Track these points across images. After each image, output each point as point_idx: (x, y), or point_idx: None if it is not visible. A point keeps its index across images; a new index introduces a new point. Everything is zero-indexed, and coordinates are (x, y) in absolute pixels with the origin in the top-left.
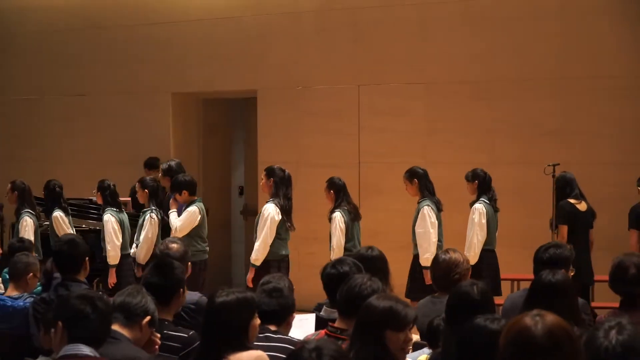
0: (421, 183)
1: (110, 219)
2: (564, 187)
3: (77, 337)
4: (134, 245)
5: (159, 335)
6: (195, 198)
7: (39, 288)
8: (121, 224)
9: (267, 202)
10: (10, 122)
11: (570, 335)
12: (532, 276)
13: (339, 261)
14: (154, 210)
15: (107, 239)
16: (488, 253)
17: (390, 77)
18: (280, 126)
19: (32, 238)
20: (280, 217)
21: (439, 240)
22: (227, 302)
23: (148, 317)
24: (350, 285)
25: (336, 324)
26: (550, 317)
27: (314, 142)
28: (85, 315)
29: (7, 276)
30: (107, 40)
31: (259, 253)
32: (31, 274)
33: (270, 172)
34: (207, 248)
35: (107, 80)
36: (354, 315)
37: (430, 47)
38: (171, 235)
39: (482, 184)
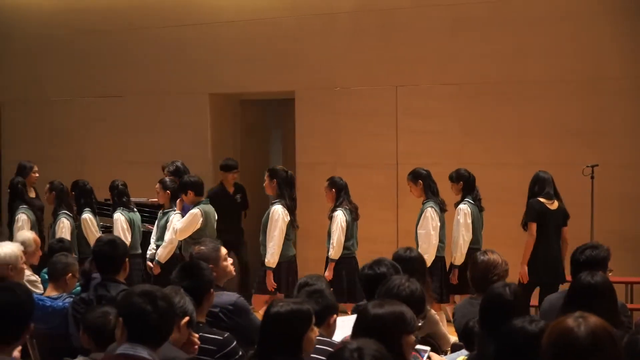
0: (425, 184)
1: (119, 217)
2: (533, 185)
3: (136, 335)
4: (152, 244)
5: (197, 335)
6: (202, 199)
7: (78, 288)
8: (131, 223)
9: (272, 203)
10: (46, 123)
11: (613, 337)
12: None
13: (377, 262)
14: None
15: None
16: (473, 252)
17: (427, 78)
18: (318, 127)
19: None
20: (288, 218)
21: (441, 242)
22: (281, 313)
23: (187, 318)
24: (388, 286)
25: None
26: (593, 319)
27: (351, 143)
28: (145, 313)
29: (47, 276)
30: (144, 41)
31: (275, 255)
32: (70, 274)
33: (273, 173)
34: None
35: (144, 81)
36: None
37: (465, 47)
38: (169, 237)
39: (466, 185)
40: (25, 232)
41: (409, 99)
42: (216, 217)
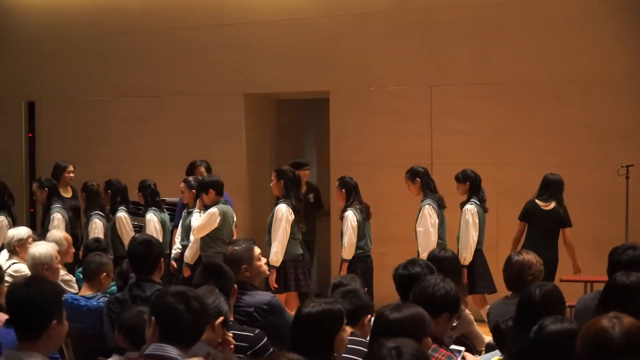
0: (423, 182)
1: (152, 218)
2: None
3: (167, 335)
4: (178, 243)
5: (231, 335)
6: (221, 199)
7: (113, 288)
8: (163, 224)
9: (277, 203)
10: (82, 123)
11: None
12: (603, 278)
13: (411, 262)
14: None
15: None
16: (478, 252)
17: (462, 78)
18: (353, 127)
19: None
20: (293, 217)
21: (441, 239)
22: (312, 313)
23: (221, 318)
24: (423, 286)
25: None
26: (628, 320)
27: (385, 143)
28: (178, 313)
29: (81, 276)
30: (179, 42)
31: (278, 254)
32: (104, 273)
33: (280, 173)
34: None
35: (179, 81)
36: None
37: (501, 47)
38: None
39: (473, 185)
40: (55, 232)
41: (443, 98)
42: (235, 218)
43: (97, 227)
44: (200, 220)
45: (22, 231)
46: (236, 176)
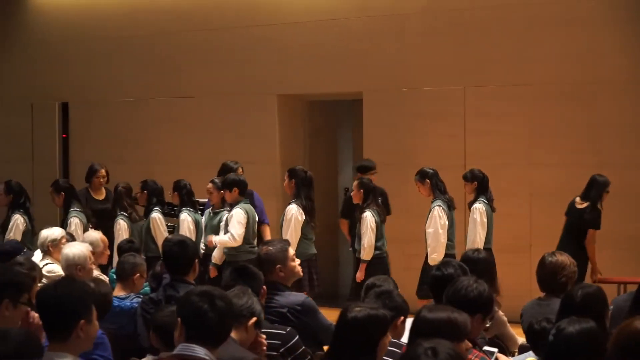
0: (432, 183)
1: (186, 218)
2: None
3: (192, 335)
4: (202, 244)
5: (264, 336)
6: (243, 198)
7: (146, 289)
8: (196, 224)
9: (289, 203)
10: (116, 124)
11: None
12: (637, 279)
13: (444, 263)
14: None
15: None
16: (486, 252)
17: (495, 78)
18: (386, 128)
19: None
20: (303, 217)
21: (450, 240)
22: (358, 318)
23: (254, 319)
24: (456, 287)
25: None
26: None
27: (419, 143)
28: (202, 313)
29: (114, 276)
30: (213, 43)
31: None
32: (138, 274)
33: (292, 173)
34: (255, 248)
35: (213, 82)
36: None
37: (535, 48)
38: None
39: (480, 185)
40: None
41: (477, 99)
42: (256, 219)
43: (121, 228)
44: (235, 227)
45: (56, 232)
46: (269, 177)
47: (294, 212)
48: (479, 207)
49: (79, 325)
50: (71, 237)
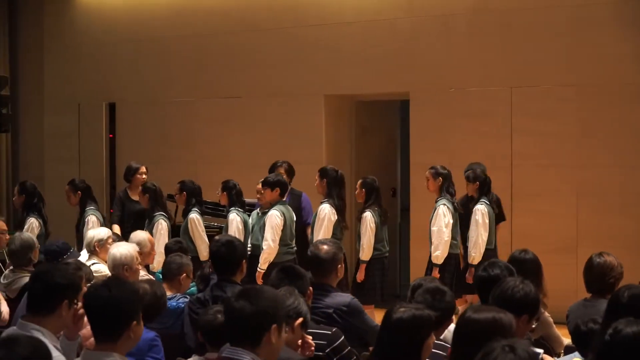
0: (443, 183)
1: (235, 217)
2: None
3: (231, 334)
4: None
5: (310, 337)
6: (282, 199)
7: (193, 289)
8: (245, 224)
9: (321, 202)
10: (163, 124)
11: None
12: None
13: (491, 264)
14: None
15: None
16: (488, 252)
17: (542, 79)
18: (433, 128)
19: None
20: (335, 217)
21: (454, 239)
22: (403, 319)
23: (300, 319)
24: (502, 288)
25: None
26: None
27: (465, 144)
28: (236, 311)
29: (161, 276)
30: (260, 43)
31: None
32: (184, 274)
33: (323, 172)
34: (293, 249)
35: (260, 82)
36: None
37: (582, 48)
38: (265, 247)
39: (482, 186)
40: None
41: (524, 100)
42: (294, 219)
43: (162, 229)
44: (270, 234)
45: (102, 232)
46: (316, 178)
47: (327, 212)
48: (481, 208)
49: (131, 326)
50: (117, 238)
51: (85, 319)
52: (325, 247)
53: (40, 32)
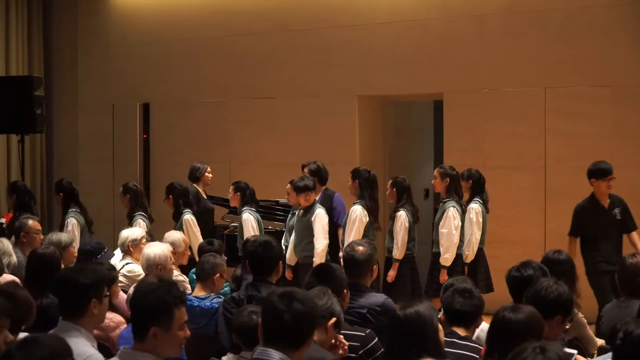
0: (451, 184)
1: (249, 217)
2: None
3: (268, 337)
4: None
5: (342, 336)
6: (315, 199)
7: (226, 289)
8: (258, 223)
9: (353, 203)
10: (196, 125)
11: None
12: None
13: (524, 264)
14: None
15: (245, 237)
16: (480, 251)
17: (576, 79)
18: (466, 129)
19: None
20: (367, 218)
21: (460, 240)
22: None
23: (334, 319)
24: (536, 288)
25: None
26: None
27: (499, 144)
28: (278, 314)
29: (194, 276)
30: (294, 44)
31: None
32: (218, 274)
33: (355, 173)
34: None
35: (293, 83)
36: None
37: (616, 49)
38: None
39: (476, 185)
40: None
41: (558, 100)
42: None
43: (140, 227)
44: (322, 237)
45: (136, 231)
46: (349, 179)
47: (359, 214)
48: (475, 207)
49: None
50: (151, 238)
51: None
52: (361, 248)
53: (75, 32)
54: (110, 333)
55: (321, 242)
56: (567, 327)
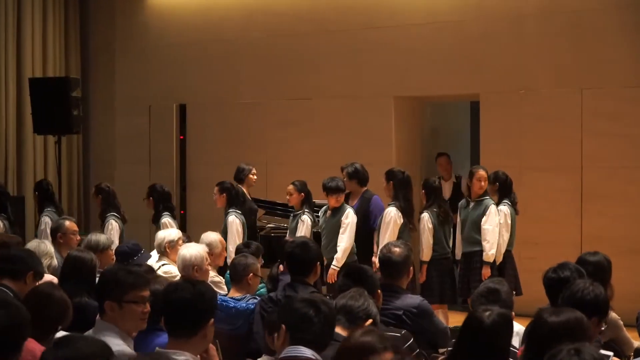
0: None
1: (234, 220)
2: None
3: (299, 340)
4: None
5: None
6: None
7: (262, 290)
8: (243, 226)
9: (388, 205)
10: (233, 126)
11: None
12: None
13: (561, 266)
14: (305, 213)
15: (229, 239)
16: (508, 253)
17: (613, 80)
18: (502, 130)
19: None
20: (402, 220)
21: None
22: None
23: (370, 320)
24: (572, 290)
25: None
26: None
27: (536, 146)
28: (308, 319)
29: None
30: (331, 44)
31: None
32: (251, 274)
33: (389, 174)
34: (354, 250)
35: (329, 84)
36: None
37: None
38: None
39: (503, 187)
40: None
41: (595, 101)
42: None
43: (113, 228)
44: (349, 227)
45: (173, 233)
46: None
47: (393, 215)
48: (504, 209)
49: (208, 325)
50: (187, 239)
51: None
52: (397, 249)
53: (112, 33)
54: None
55: (346, 240)
56: (603, 328)
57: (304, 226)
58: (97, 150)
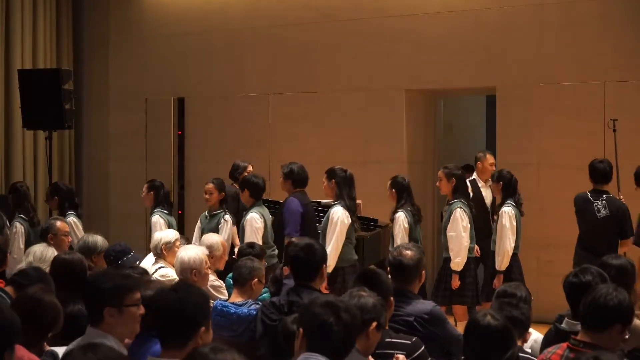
0: (457, 184)
1: (158, 220)
2: None
3: (316, 348)
4: None
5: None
6: (255, 201)
7: (265, 295)
8: (170, 226)
9: (332, 205)
10: (234, 120)
11: None
12: None
13: (582, 270)
14: (227, 213)
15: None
16: (514, 257)
17: (637, 73)
18: (520, 125)
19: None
20: (349, 220)
21: (470, 243)
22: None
23: (374, 323)
24: (594, 295)
25: (579, 337)
26: None
27: (555, 142)
28: (327, 327)
29: (232, 281)
30: (339, 34)
31: (331, 259)
32: (256, 279)
33: (330, 173)
34: (275, 252)
35: (338, 76)
36: (599, 327)
37: None
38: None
39: (507, 186)
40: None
41: (618, 95)
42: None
43: (17, 232)
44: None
45: (170, 234)
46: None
47: (340, 215)
48: (508, 210)
49: (200, 332)
50: (186, 240)
51: None
52: (409, 252)
53: (106, 22)
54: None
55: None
56: (627, 336)
57: (227, 226)
58: (90, 146)
